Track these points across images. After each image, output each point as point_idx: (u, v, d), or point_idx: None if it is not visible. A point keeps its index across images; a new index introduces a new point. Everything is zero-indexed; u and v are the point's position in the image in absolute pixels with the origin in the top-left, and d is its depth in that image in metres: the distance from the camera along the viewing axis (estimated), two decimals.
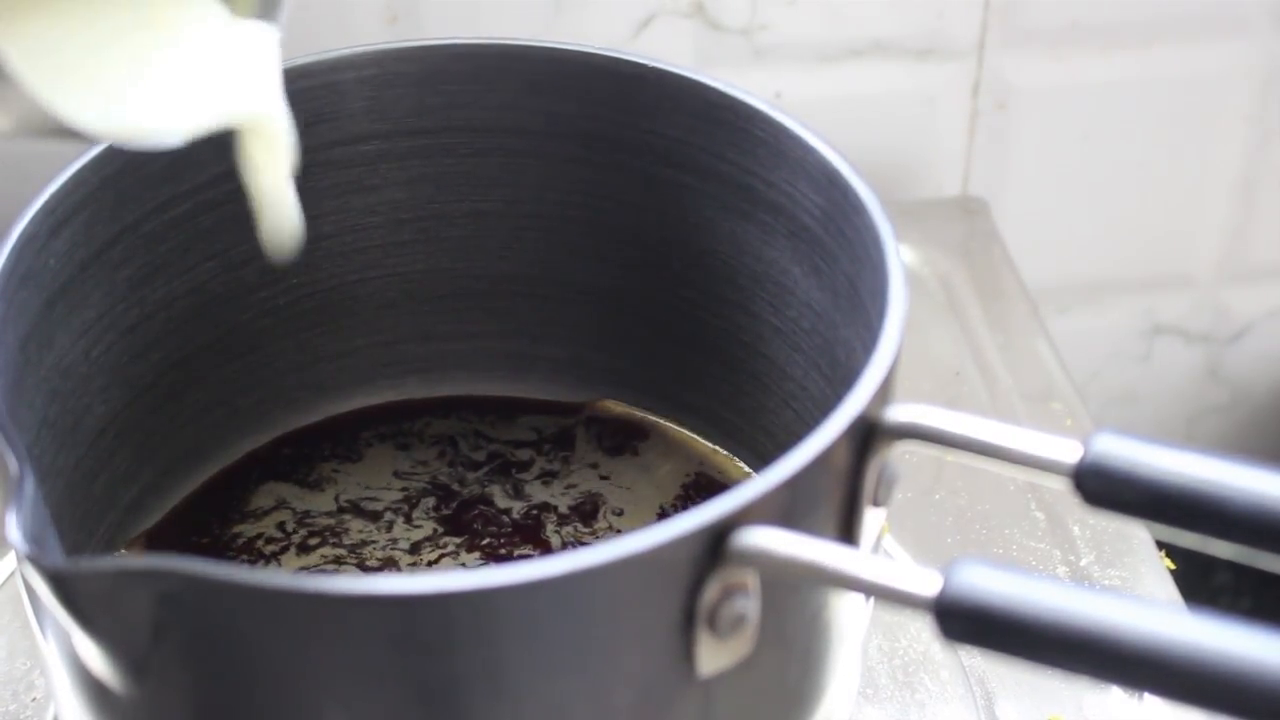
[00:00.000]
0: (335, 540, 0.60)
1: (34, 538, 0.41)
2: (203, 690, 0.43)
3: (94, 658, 0.43)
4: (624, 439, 0.64)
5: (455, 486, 0.62)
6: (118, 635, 0.41)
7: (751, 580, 0.43)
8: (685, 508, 0.60)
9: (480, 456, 0.63)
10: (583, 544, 0.60)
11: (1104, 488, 0.44)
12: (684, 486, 0.62)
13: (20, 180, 0.57)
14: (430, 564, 0.59)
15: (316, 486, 0.62)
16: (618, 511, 0.61)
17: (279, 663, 0.42)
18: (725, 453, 0.63)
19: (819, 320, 0.55)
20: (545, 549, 0.60)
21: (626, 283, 0.62)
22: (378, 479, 0.63)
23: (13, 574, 0.65)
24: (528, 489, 0.62)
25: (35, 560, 0.40)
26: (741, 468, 0.62)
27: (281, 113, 0.50)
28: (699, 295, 0.60)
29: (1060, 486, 0.45)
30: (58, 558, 0.41)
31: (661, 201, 0.60)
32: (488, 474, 0.63)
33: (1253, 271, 0.95)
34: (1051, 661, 0.40)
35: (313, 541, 0.60)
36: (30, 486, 0.42)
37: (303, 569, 0.59)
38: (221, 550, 0.60)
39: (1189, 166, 0.91)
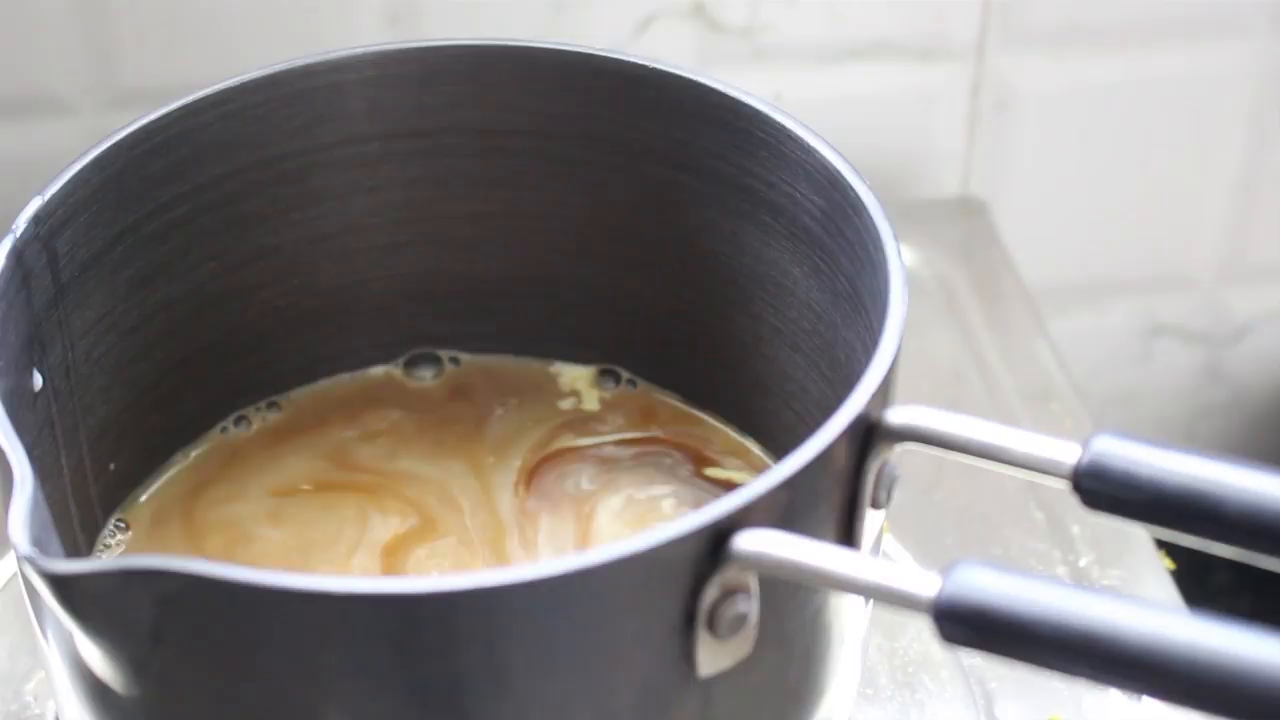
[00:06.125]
0: None
1: (36, 539, 0.41)
2: (204, 690, 0.43)
3: (95, 658, 0.43)
4: None
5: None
6: (119, 636, 0.41)
7: (751, 581, 0.43)
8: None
9: None
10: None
11: (1103, 490, 0.44)
12: None
13: (20, 180, 0.57)
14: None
15: None
16: None
17: (280, 663, 0.42)
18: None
19: (819, 321, 0.55)
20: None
21: (626, 283, 0.62)
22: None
23: (13, 577, 0.65)
24: None
25: (36, 562, 0.40)
26: (741, 468, 0.62)
27: None
28: (699, 296, 0.60)
29: (1060, 487, 0.45)
30: (59, 559, 0.41)
31: (661, 201, 0.60)
32: None
33: (1253, 271, 0.95)
34: (1051, 663, 0.40)
35: None
36: (32, 487, 0.42)
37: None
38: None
39: (1189, 166, 0.91)
